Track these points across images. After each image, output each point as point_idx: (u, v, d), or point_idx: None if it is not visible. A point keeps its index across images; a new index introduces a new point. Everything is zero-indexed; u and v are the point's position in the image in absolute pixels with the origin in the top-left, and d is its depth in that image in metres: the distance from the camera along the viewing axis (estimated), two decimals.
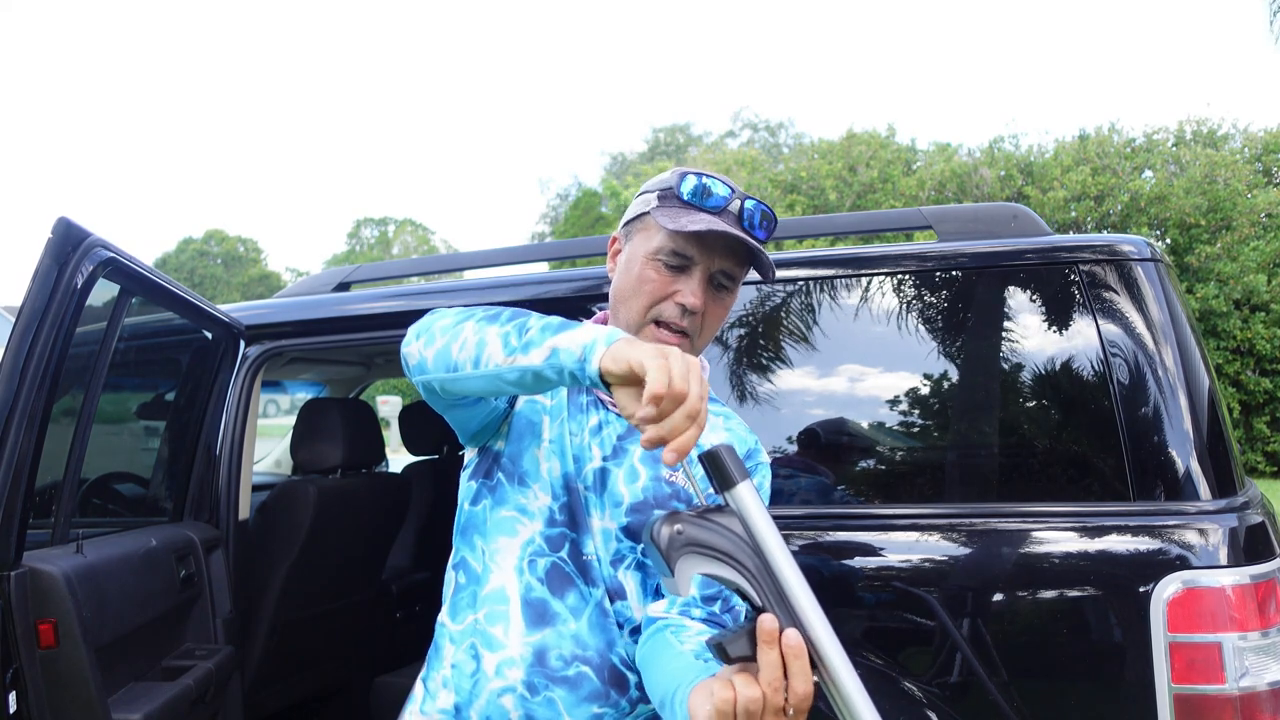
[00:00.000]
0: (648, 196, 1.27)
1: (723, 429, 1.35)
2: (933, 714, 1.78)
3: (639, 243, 1.26)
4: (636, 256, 1.25)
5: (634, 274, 1.24)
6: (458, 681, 1.26)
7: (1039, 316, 1.92)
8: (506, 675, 1.23)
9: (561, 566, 1.24)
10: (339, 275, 2.76)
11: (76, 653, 1.77)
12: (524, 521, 1.25)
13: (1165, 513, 1.73)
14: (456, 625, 1.29)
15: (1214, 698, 1.62)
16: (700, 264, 1.21)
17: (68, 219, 1.78)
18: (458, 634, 1.28)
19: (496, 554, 1.26)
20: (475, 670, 1.25)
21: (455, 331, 1.13)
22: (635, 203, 1.29)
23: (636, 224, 1.27)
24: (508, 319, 1.10)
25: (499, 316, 1.11)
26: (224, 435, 2.54)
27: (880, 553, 1.91)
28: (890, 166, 16.53)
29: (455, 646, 1.28)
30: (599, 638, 1.24)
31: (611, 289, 1.29)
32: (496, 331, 1.08)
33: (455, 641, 1.28)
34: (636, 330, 1.24)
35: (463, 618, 1.28)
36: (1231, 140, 15.36)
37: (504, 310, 1.14)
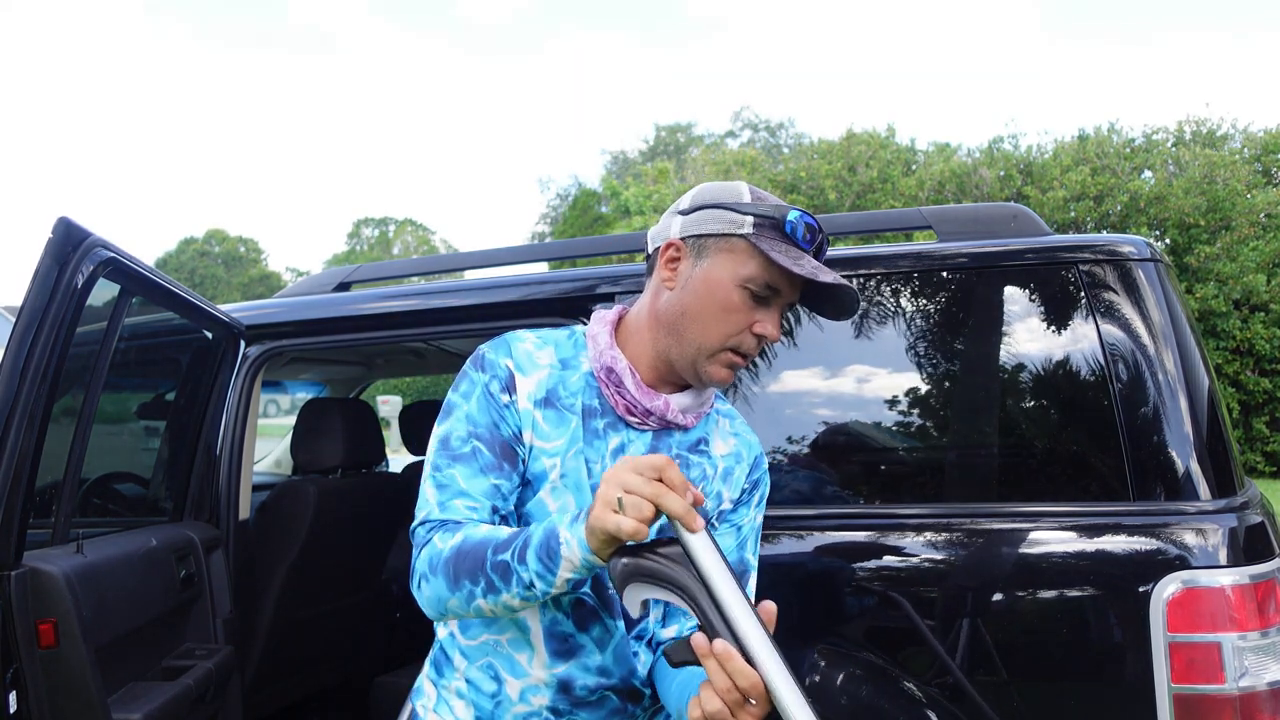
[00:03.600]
0: (735, 217, 1.19)
1: (730, 433, 1.34)
2: (933, 714, 1.78)
3: (723, 264, 1.19)
4: (720, 279, 1.19)
5: (717, 298, 1.19)
6: (475, 698, 1.26)
7: (1039, 316, 1.92)
8: (531, 701, 1.24)
9: (585, 600, 1.23)
10: (339, 275, 2.76)
11: (76, 653, 1.77)
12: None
13: (1165, 513, 1.73)
14: (469, 640, 1.27)
15: (1214, 698, 1.62)
16: (784, 298, 1.20)
17: (68, 219, 1.78)
18: (471, 649, 1.27)
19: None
20: (497, 692, 1.25)
21: (469, 606, 1.12)
22: (712, 216, 1.20)
23: (718, 242, 1.20)
24: (504, 583, 1.08)
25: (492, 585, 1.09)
26: (224, 435, 2.54)
27: (880, 553, 1.91)
28: (890, 166, 16.53)
29: (469, 662, 1.27)
30: (622, 666, 1.25)
31: (667, 304, 1.23)
32: (509, 596, 1.08)
33: (469, 656, 1.27)
34: (708, 355, 1.21)
35: (476, 634, 1.27)
36: (1231, 140, 15.36)
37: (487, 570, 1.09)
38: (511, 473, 1.21)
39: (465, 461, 1.19)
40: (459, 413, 1.22)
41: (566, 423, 1.23)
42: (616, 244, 2.69)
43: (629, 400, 1.23)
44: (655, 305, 1.25)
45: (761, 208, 1.19)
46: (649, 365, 1.25)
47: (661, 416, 1.24)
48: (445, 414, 1.24)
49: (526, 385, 1.23)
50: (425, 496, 1.21)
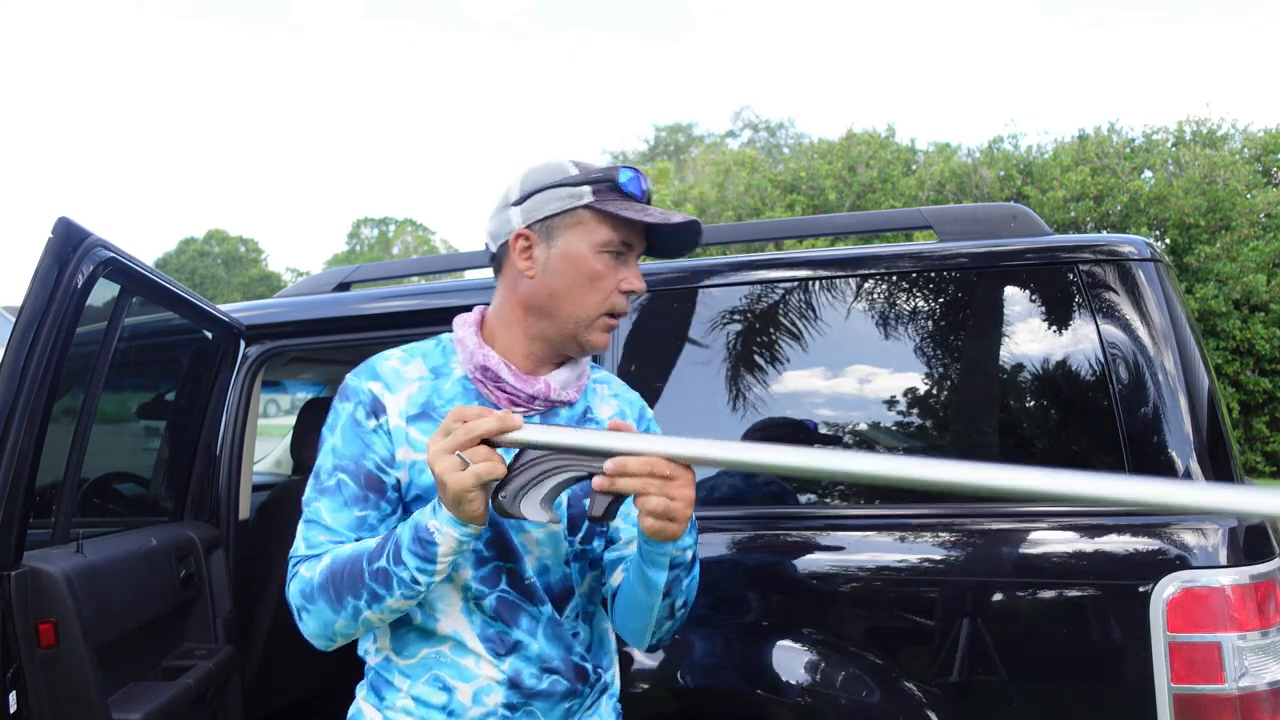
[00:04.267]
0: (572, 190, 1.23)
1: (610, 395, 1.38)
2: (933, 714, 1.78)
3: (577, 237, 1.24)
4: (580, 252, 1.24)
5: (582, 271, 1.24)
6: (425, 713, 1.25)
7: (1039, 316, 1.92)
8: (486, 702, 1.24)
9: (505, 598, 1.24)
10: (339, 275, 2.76)
11: (76, 653, 1.77)
12: (452, 570, 1.21)
13: (1165, 513, 1.73)
14: (408, 660, 1.26)
15: (1214, 698, 1.62)
16: (636, 250, 1.27)
17: (68, 219, 1.78)
18: (411, 667, 1.26)
19: (438, 601, 1.24)
20: (448, 701, 1.24)
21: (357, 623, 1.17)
22: (550, 197, 1.24)
23: (564, 219, 1.24)
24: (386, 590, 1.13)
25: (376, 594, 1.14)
26: (224, 435, 2.54)
27: (880, 553, 1.91)
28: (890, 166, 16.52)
29: (412, 680, 1.26)
30: (559, 646, 1.27)
31: (533, 291, 1.25)
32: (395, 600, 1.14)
33: (411, 675, 1.26)
34: (586, 325, 1.25)
35: (414, 652, 1.26)
36: (1231, 140, 15.35)
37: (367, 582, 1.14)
38: (379, 501, 1.23)
39: (330, 495, 1.22)
40: (326, 446, 1.24)
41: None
42: None
43: (510, 392, 1.26)
44: (519, 296, 1.27)
45: (594, 174, 1.24)
46: (524, 354, 1.28)
47: (545, 398, 1.27)
48: (319, 448, 1.26)
49: (396, 403, 1.24)
50: (298, 533, 1.23)
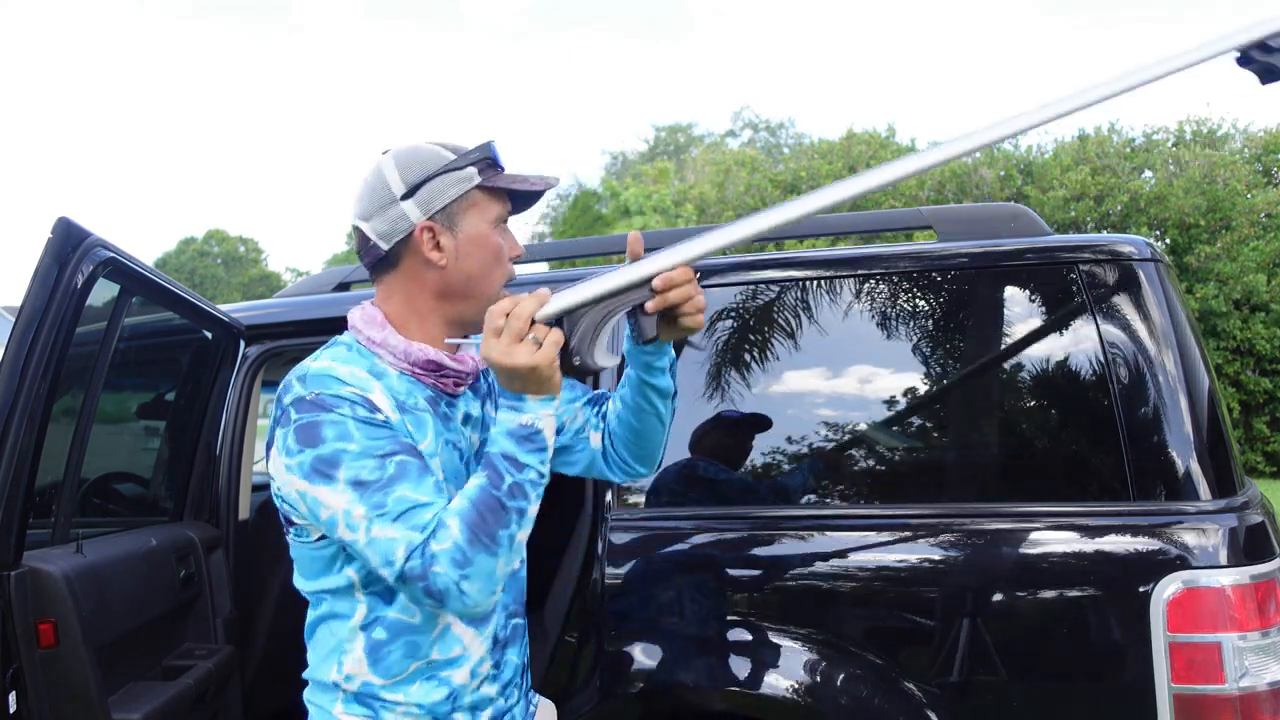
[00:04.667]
0: (461, 174, 1.27)
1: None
2: (933, 714, 1.78)
3: (477, 219, 1.28)
4: (483, 232, 1.29)
5: (489, 249, 1.29)
6: (432, 707, 1.25)
7: (1039, 316, 1.92)
8: (480, 671, 1.29)
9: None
10: (339, 275, 2.76)
11: (76, 653, 1.77)
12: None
13: (1165, 513, 1.73)
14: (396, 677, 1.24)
15: (1214, 698, 1.62)
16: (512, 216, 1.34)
17: (68, 219, 1.78)
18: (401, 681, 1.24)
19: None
20: (451, 690, 1.26)
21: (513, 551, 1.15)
22: (443, 184, 1.26)
23: (461, 203, 1.27)
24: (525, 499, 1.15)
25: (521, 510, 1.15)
26: (224, 435, 2.54)
27: (880, 553, 1.91)
28: None
29: (405, 689, 1.24)
30: (515, 589, 1.37)
31: (447, 278, 1.27)
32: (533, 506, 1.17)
33: (403, 687, 1.24)
34: (494, 299, 1.25)
35: (402, 668, 1.24)
36: (1231, 140, 15.34)
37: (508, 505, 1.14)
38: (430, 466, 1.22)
39: (401, 479, 1.14)
40: (350, 455, 1.15)
41: (424, 422, 1.26)
42: (616, 244, 2.69)
43: (455, 375, 1.29)
44: (430, 286, 1.28)
45: (474, 154, 1.28)
46: (441, 339, 1.31)
47: (474, 372, 1.33)
48: (329, 472, 1.15)
49: (380, 400, 1.21)
50: (388, 540, 1.12)
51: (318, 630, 1.29)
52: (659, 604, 1.98)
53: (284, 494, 1.23)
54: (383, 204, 1.28)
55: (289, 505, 1.24)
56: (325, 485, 1.15)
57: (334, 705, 1.27)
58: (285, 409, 1.20)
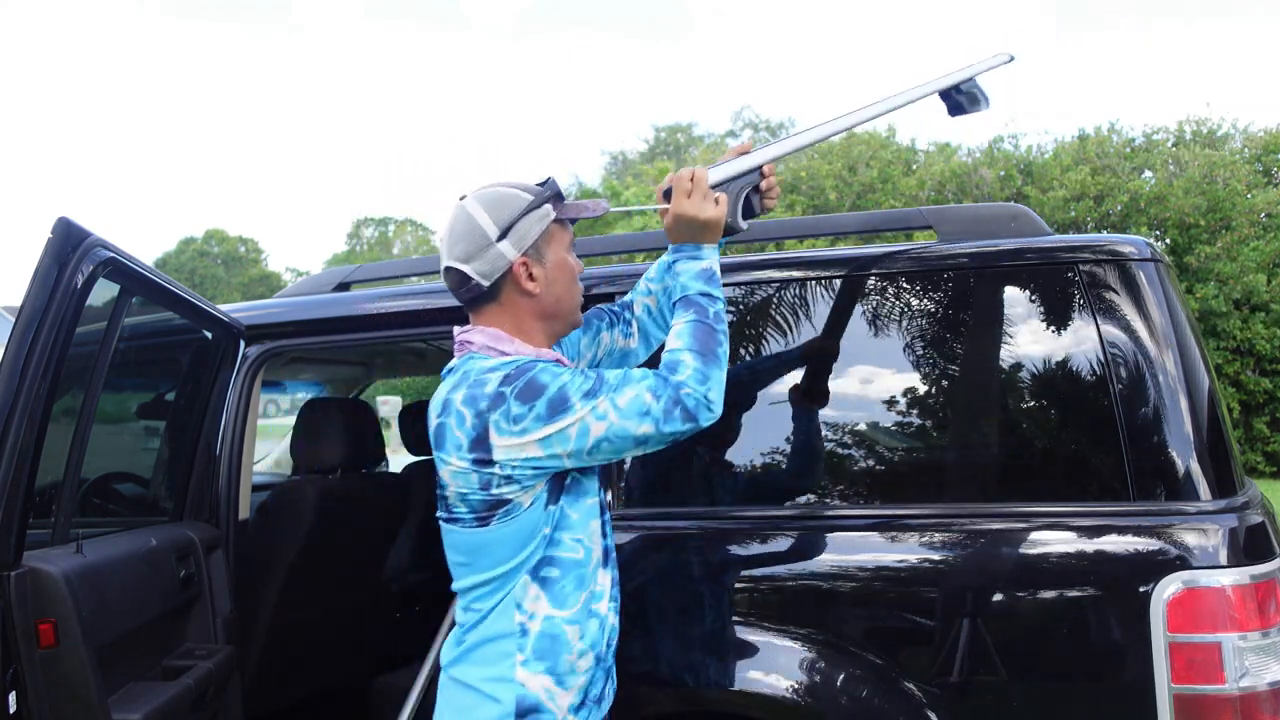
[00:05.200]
0: (541, 212, 1.52)
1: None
2: (933, 714, 1.78)
3: (557, 247, 1.55)
4: (563, 259, 1.56)
5: (569, 272, 1.57)
6: (592, 643, 1.50)
7: (1039, 317, 1.92)
8: (605, 603, 1.55)
9: (606, 516, 1.59)
10: (339, 275, 2.76)
11: (76, 653, 1.77)
12: (595, 501, 1.55)
13: (1165, 513, 1.73)
14: (567, 610, 1.48)
15: (1214, 698, 1.62)
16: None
17: (68, 219, 1.78)
18: (574, 615, 1.48)
19: (591, 536, 1.52)
20: (601, 623, 1.53)
21: (726, 363, 1.47)
22: (530, 221, 1.50)
23: (544, 236, 1.53)
24: (720, 323, 1.50)
25: (723, 331, 1.50)
26: (224, 435, 2.54)
27: (880, 553, 1.91)
28: (890, 166, 16.52)
29: (576, 625, 1.48)
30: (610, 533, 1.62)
31: (541, 302, 1.53)
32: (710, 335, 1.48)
33: (575, 621, 1.48)
34: (578, 315, 1.62)
35: (573, 601, 1.48)
36: (1231, 140, 15.34)
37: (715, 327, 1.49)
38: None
39: (609, 373, 1.44)
40: (569, 384, 1.41)
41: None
42: (616, 244, 2.69)
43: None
44: (530, 311, 1.54)
45: (546, 192, 1.54)
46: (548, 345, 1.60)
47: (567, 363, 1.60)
48: (562, 404, 1.39)
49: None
50: (633, 398, 1.40)
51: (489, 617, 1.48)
52: (658, 604, 1.98)
53: (512, 466, 1.41)
54: (481, 247, 1.50)
55: (513, 480, 1.42)
56: (564, 414, 1.39)
57: (506, 667, 1.45)
58: (490, 399, 1.40)
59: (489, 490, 1.42)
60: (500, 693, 1.45)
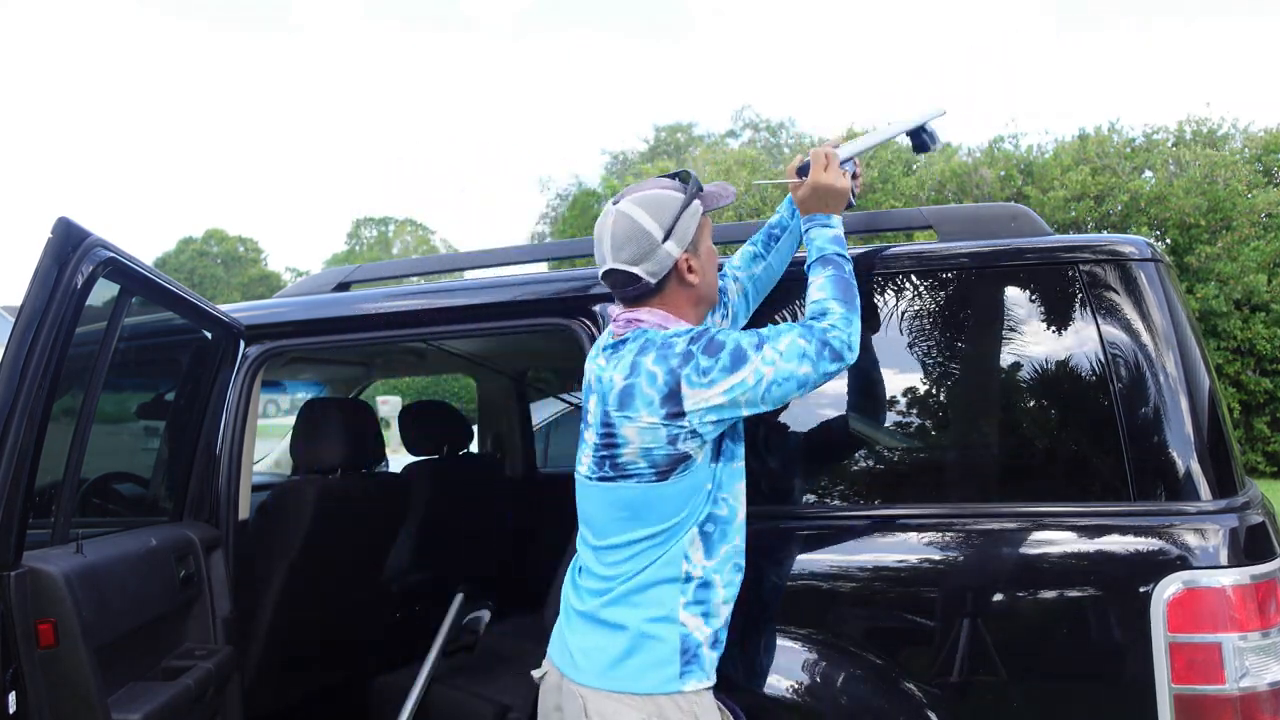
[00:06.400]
0: (694, 208, 1.69)
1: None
2: (933, 714, 1.77)
3: (704, 237, 1.74)
4: (709, 248, 1.76)
5: (713, 256, 1.77)
6: (731, 591, 1.69)
7: (1039, 317, 1.92)
8: (742, 559, 1.73)
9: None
10: (339, 275, 2.76)
11: (76, 653, 1.77)
12: (742, 466, 1.72)
13: (1165, 513, 1.72)
14: (714, 559, 1.66)
15: (1214, 698, 1.62)
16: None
17: (68, 219, 1.78)
18: (718, 564, 1.66)
19: (737, 496, 1.71)
20: (740, 575, 1.72)
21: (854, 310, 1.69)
22: (686, 219, 1.68)
23: (699, 229, 1.71)
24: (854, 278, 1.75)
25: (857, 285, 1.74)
26: (224, 435, 2.54)
27: (880, 553, 1.91)
28: (890, 166, 16.51)
29: (720, 574, 1.67)
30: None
31: (695, 294, 1.72)
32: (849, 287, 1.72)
33: (719, 570, 1.66)
34: (716, 293, 1.81)
35: (717, 551, 1.66)
36: (1231, 140, 15.33)
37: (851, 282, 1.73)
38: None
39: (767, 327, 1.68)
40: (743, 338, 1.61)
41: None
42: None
43: None
44: (690, 297, 1.72)
45: (692, 188, 1.71)
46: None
47: None
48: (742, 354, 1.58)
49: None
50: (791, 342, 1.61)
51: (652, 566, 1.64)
52: None
53: (699, 417, 1.57)
54: (649, 248, 1.66)
55: (698, 434, 1.59)
56: (744, 364, 1.57)
57: (672, 608, 1.62)
58: (681, 356, 1.57)
59: (675, 445, 1.59)
60: (665, 632, 1.62)
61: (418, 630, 3.47)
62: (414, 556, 3.67)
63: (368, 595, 3.40)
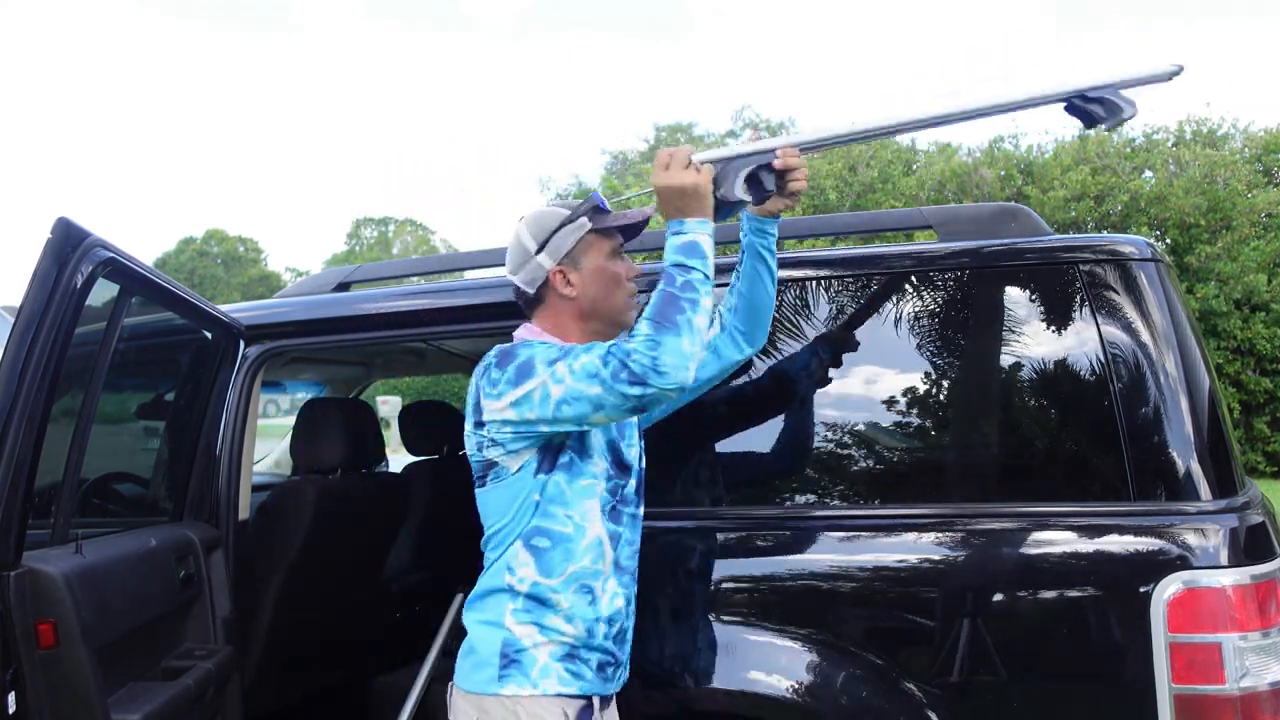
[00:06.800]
0: (577, 223, 1.69)
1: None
2: (933, 714, 1.77)
3: (594, 255, 1.70)
4: (601, 265, 1.71)
5: (608, 277, 1.70)
6: (580, 613, 1.62)
7: (1039, 317, 1.92)
8: (610, 587, 1.67)
9: (618, 506, 1.69)
10: (339, 275, 2.76)
11: (76, 653, 1.77)
12: (597, 484, 1.65)
13: (1166, 513, 1.72)
14: (554, 579, 1.61)
15: (1214, 698, 1.62)
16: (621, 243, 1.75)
17: (67, 219, 1.78)
18: (560, 584, 1.61)
19: (585, 515, 1.63)
20: (593, 599, 1.64)
21: (695, 333, 1.52)
22: (564, 234, 1.69)
23: (580, 246, 1.70)
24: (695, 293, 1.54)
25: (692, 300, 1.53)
26: (224, 435, 2.54)
27: (881, 553, 1.91)
28: (890, 166, 16.52)
29: (562, 594, 1.61)
30: (637, 534, 1.75)
31: (576, 307, 1.70)
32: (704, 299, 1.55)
33: (559, 590, 1.61)
34: (624, 312, 1.73)
35: (560, 570, 1.61)
36: (1231, 140, 15.35)
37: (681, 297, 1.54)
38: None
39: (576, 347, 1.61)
40: (538, 355, 1.59)
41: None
42: None
43: None
44: (570, 313, 1.71)
45: (583, 207, 1.72)
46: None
47: None
48: (528, 370, 1.57)
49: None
50: (585, 362, 1.53)
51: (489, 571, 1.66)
52: (659, 604, 1.97)
53: (495, 429, 1.58)
54: (524, 260, 1.71)
55: (498, 443, 1.60)
56: (529, 378, 1.54)
57: (515, 608, 1.62)
58: (483, 369, 1.61)
59: (481, 452, 1.63)
60: (489, 635, 1.63)
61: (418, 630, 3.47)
62: (414, 556, 3.67)
63: (368, 595, 3.40)
